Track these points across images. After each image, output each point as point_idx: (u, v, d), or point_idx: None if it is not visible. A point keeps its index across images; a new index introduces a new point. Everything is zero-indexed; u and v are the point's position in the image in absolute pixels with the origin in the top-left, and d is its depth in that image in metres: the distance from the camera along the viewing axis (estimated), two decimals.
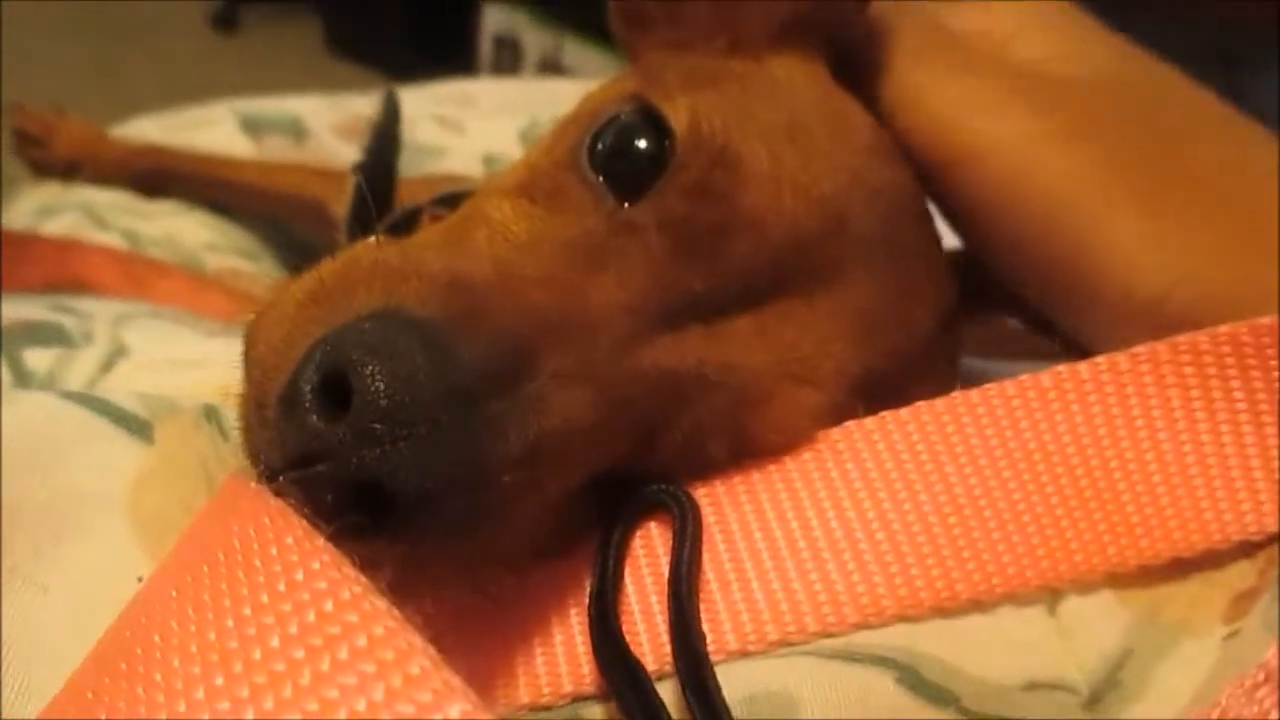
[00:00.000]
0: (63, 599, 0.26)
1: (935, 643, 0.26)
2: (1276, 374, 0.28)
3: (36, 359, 0.43)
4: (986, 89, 0.34)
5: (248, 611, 0.20)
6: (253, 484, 0.23)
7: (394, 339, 0.23)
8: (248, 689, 0.19)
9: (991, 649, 0.26)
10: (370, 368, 0.23)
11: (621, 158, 0.31)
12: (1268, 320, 0.28)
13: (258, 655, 0.19)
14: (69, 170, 0.87)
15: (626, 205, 0.30)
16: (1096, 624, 0.27)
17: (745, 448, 0.30)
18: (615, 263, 0.29)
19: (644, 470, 0.29)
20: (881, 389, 0.30)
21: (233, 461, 0.29)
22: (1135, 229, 0.31)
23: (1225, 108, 0.35)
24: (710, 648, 0.26)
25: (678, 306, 0.29)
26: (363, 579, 0.20)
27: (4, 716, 0.24)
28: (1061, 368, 0.29)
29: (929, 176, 0.35)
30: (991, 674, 0.25)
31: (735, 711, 0.23)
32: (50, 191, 0.85)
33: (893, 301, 0.32)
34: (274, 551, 0.21)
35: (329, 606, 0.20)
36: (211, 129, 0.91)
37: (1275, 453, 0.27)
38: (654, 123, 0.31)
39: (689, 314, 0.29)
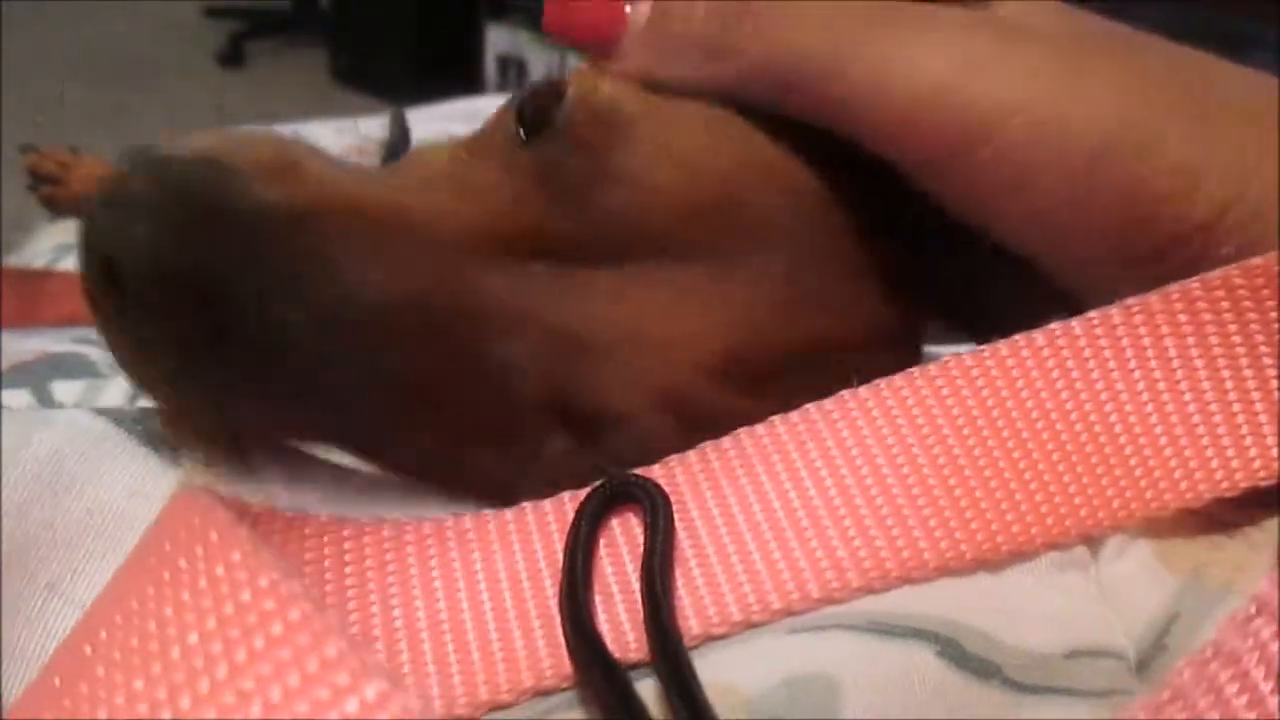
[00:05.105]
0: None
1: (972, 613, 0.25)
2: (1273, 314, 0.27)
3: (64, 391, 0.44)
4: (980, 46, 0.31)
5: (169, 611, 0.20)
6: (187, 490, 0.24)
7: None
8: (165, 690, 0.19)
9: (1029, 618, 0.26)
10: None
11: (536, 118, 0.33)
12: (1259, 261, 0.28)
13: (176, 654, 0.19)
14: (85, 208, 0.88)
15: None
16: (1140, 589, 0.26)
17: (573, 401, 0.31)
18: (484, 192, 0.31)
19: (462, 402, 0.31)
20: (770, 379, 0.31)
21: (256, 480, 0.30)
22: (1185, 157, 0.29)
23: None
24: (714, 619, 0.26)
25: (532, 242, 0.31)
26: (281, 564, 0.20)
27: None
28: (1055, 325, 0.29)
29: (924, 172, 0.32)
30: (1031, 643, 0.25)
31: (774, 698, 0.23)
32: (67, 229, 0.86)
33: (790, 294, 0.32)
34: (199, 550, 0.21)
35: (246, 596, 0.19)
36: None
37: (1278, 396, 0.27)
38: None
39: (546, 254, 0.31)
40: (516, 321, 0.30)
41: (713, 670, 0.23)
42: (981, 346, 0.29)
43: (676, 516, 0.27)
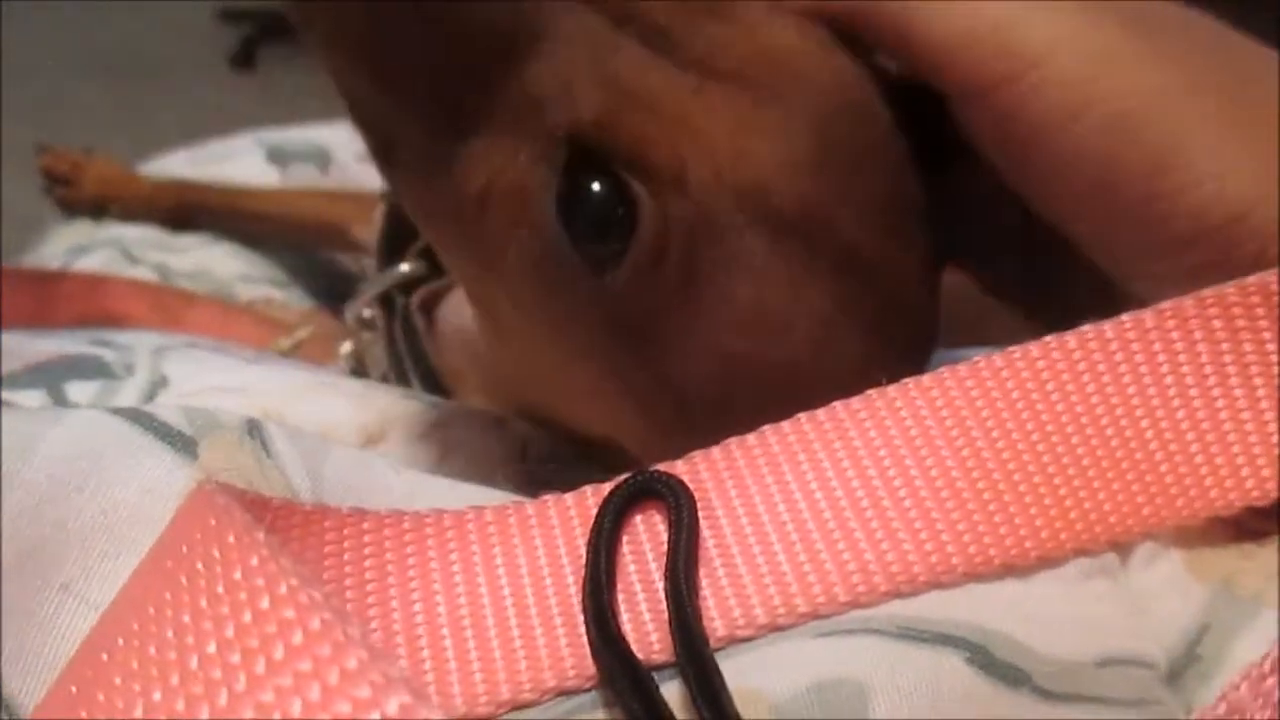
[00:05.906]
0: None
1: (1003, 619, 0.25)
2: None
3: (78, 392, 0.43)
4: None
5: (187, 618, 0.19)
6: (203, 489, 0.23)
7: None
8: (184, 701, 0.18)
9: (1058, 625, 0.25)
10: None
11: None
12: None
13: (194, 664, 0.19)
14: (97, 208, 0.88)
15: None
16: (1171, 599, 0.26)
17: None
18: None
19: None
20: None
21: (275, 477, 0.30)
22: (1217, 148, 0.31)
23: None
24: (740, 621, 0.26)
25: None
26: (301, 570, 0.20)
27: None
28: (1087, 328, 0.28)
29: (967, 104, 0.34)
30: (1061, 650, 0.25)
31: (802, 702, 0.23)
32: (81, 230, 0.87)
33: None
34: (215, 553, 0.20)
35: (265, 604, 0.19)
36: (239, 161, 0.92)
37: None
38: None
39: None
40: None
41: (738, 674, 0.23)
42: (1012, 348, 0.29)
43: (701, 514, 0.27)
